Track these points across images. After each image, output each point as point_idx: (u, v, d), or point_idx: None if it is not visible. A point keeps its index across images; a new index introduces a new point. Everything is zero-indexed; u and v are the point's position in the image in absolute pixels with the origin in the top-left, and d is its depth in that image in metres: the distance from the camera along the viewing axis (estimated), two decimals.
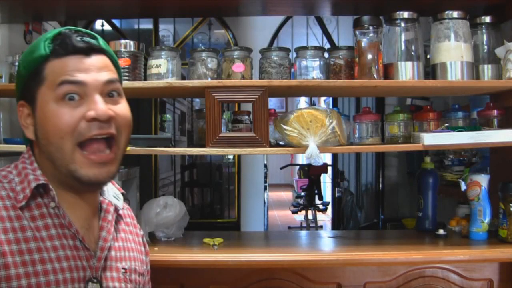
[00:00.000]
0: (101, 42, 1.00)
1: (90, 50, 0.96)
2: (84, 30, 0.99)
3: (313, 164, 1.55)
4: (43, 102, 0.94)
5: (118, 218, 1.11)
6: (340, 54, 1.74)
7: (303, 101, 8.24)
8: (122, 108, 1.00)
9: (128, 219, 1.17)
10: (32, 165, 0.99)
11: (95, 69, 0.96)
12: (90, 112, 0.93)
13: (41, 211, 0.95)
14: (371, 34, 1.66)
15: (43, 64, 0.95)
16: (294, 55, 1.79)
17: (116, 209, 1.10)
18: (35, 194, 0.96)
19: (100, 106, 0.94)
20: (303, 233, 4.23)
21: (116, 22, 4.38)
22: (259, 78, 1.72)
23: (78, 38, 0.96)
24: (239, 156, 4.36)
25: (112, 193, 1.11)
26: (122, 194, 1.15)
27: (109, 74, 0.98)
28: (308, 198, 6.25)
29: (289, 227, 7.06)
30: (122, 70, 1.64)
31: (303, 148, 1.56)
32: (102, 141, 0.95)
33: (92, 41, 0.98)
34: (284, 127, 1.57)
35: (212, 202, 5.58)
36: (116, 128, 0.97)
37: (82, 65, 0.95)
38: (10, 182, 0.97)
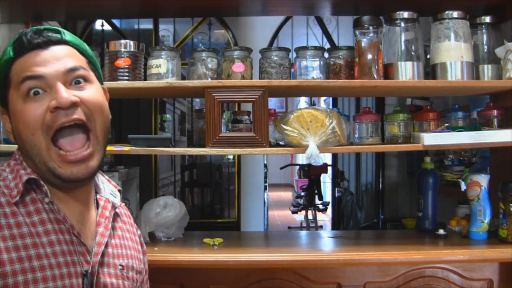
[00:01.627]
0: (66, 35, 1.01)
1: (47, 43, 0.97)
2: (47, 27, 1.00)
3: (313, 164, 1.56)
4: (13, 104, 0.96)
5: (115, 216, 1.11)
6: (340, 54, 1.74)
7: (303, 101, 8.23)
8: (89, 93, 0.98)
9: (125, 218, 1.17)
10: (22, 164, 1.00)
11: (53, 60, 0.96)
12: (52, 102, 0.93)
13: (36, 206, 0.96)
14: (371, 34, 1.66)
15: (9, 68, 0.97)
16: (294, 55, 1.79)
17: (114, 206, 1.10)
18: (29, 189, 0.96)
19: (61, 94, 0.93)
20: (303, 233, 4.23)
21: (116, 22, 4.37)
22: (259, 78, 1.72)
23: (35, 35, 0.96)
24: (239, 156, 4.36)
25: (109, 190, 1.12)
26: (119, 191, 1.15)
27: (72, 61, 0.97)
28: (308, 198, 6.24)
29: (289, 227, 7.06)
30: (122, 70, 1.66)
31: (303, 148, 1.56)
32: (79, 134, 0.96)
33: (52, 34, 0.98)
34: (284, 127, 1.57)
35: (212, 202, 5.58)
36: (86, 114, 0.96)
37: (39, 58, 0.95)
38: (4, 179, 0.97)
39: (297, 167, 7.81)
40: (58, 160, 0.95)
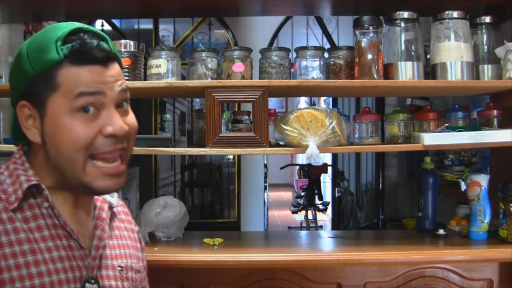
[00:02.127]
0: (111, 44, 0.96)
1: (107, 59, 0.92)
2: (95, 30, 0.94)
3: (313, 164, 1.55)
4: (55, 111, 0.90)
5: (113, 215, 1.10)
6: (340, 54, 1.74)
7: (303, 101, 8.23)
8: (132, 118, 0.97)
9: (123, 216, 1.16)
10: (24, 165, 0.97)
11: (112, 80, 0.92)
12: (109, 128, 0.90)
13: (33, 212, 0.94)
14: (371, 34, 1.66)
15: (55, 69, 0.89)
16: (294, 55, 1.79)
17: (111, 207, 1.09)
18: (27, 194, 0.94)
19: (117, 121, 0.91)
20: (303, 233, 4.24)
21: (116, 22, 4.38)
22: (259, 78, 1.72)
23: (95, 45, 0.90)
24: (239, 156, 4.36)
25: None
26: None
27: (122, 83, 0.95)
28: (308, 198, 6.24)
29: (289, 227, 7.06)
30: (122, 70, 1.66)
31: (303, 148, 1.56)
32: (114, 156, 0.94)
33: (106, 46, 0.93)
34: (284, 127, 1.57)
35: (212, 202, 5.58)
36: (127, 139, 0.95)
37: (102, 77, 0.90)
38: (1, 183, 0.94)
39: (297, 167, 7.81)
40: (94, 173, 0.92)
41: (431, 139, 1.62)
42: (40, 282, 0.89)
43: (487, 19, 1.75)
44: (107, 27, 4.39)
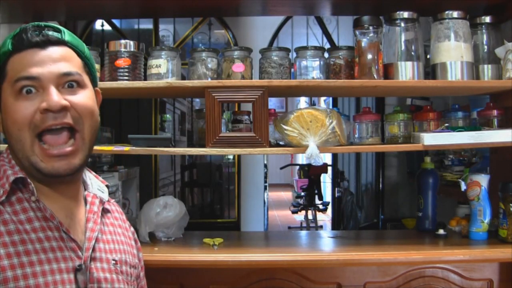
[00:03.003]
0: (66, 35, 1.02)
1: (46, 43, 0.98)
2: (48, 24, 1.01)
3: (313, 164, 1.55)
4: (5, 97, 0.98)
5: (106, 212, 1.13)
6: (340, 54, 1.74)
7: (303, 101, 8.23)
8: (81, 98, 1.00)
9: (117, 214, 1.18)
10: (10, 162, 1.01)
11: (50, 61, 0.97)
12: (43, 104, 0.95)
13: (22, 205, 0.97)
14: (371, 34, 1.66)
15: (6, 60, 0.98)
16: (294, 55, 1.78)
17: (102, 201, 1.12)
18: (14, 189, 0.97)
19: (52, 97, 0.95)
20: (303, 233, 4.23)
21: (116, 22, 4.38)
22: (259, 78, 1.72)
23: (35, 32, 0.98)
24: (239, 156, 4.36)
25: (96, 186, 1.14)
26: (107, 186, 1.17)
27: (67, 66, 0.99)
28: (308, 198, 6.24)
29: (289, 227, 7.06)
30: (122, 70, 1.66)
31: (303, 148, 1.56)
32: (64, 132, 0.97)
33: (52, 33, 0.99)
34: (284, 127, 1.57)
35: (212, 202, 5.58)
36: (74, 118, 0.98)
37: (36, 58, 0.97)
38: None
39: (297, 167, 7.81)
40: (41, 154, 0.96)
41: (431, 139, 1.62)
42: (31, 271, 0.91)
43: (487, 19, 1.75)
44: (107, 27, 4.39)
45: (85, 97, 1.01)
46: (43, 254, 0.93)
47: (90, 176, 1.14)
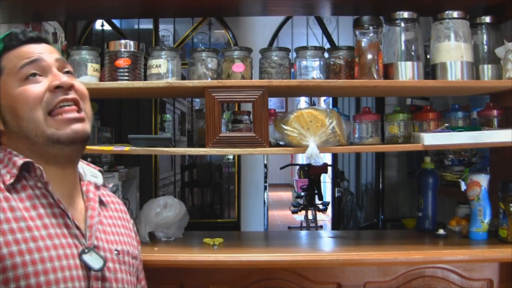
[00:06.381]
0: (46, 40, 1.12)
1: (39, 40, 1.09)
2: (29, 30, 1.11)
3: (313, 164, 1.55)
4: (6, 89, 1.02)
5: (106, 204, 1.16)
6: (340, 54, 1.74)
7: (303, 101, 8.24)
8: (78, 83, 1.09)
9: (117, 206, 1.21)
10: (12, 153, 1.03)
11: (47, 51, 1.07)
12: (55, 82, 1.03)
13: (27, 192, 0.99)
14: (371, 34, 1.66)
15: None
16: (294, 55, 1.79)
17: (97, 186, 1.15)
18: (19, 177, 0.99)
19: (62, 77, 1.04)
20: (303, 233, 4.24)
21: (116, 22, 4.37)
22: (259, 78, 1.72)
23: (27, 32, 1.08)
24: (239, 156, 4.36)
25: (90, 173, 1.17)
26: (100, 171, 1.21)
27: (59, 56, 1.09)
28: (308, 198, 6.25)
29: (289, 227, 7.06)
30: (122, 70, 1.67)
31: (303, 148, 1.56)
32: (73, 106, 1.04)
33: (38, 34, 1.10)
34: (284, 127, 1.57)
35: (212, 202, 5.58)
36: (79, 98, 1.06)
37: (35, 49, 1.05)
38: None
39: (297, 167, 7.81)
40: (56, 124, 1.01)
41: (431, 139, 1.62)
42: (39, 257, 0.92)
43: (487, 19, 1.75)
44: (107, 27, 4.39)
45: (81, 84, 1.10)
46: (49, 241, 0.95)
47: (82, 165, 1.17)
